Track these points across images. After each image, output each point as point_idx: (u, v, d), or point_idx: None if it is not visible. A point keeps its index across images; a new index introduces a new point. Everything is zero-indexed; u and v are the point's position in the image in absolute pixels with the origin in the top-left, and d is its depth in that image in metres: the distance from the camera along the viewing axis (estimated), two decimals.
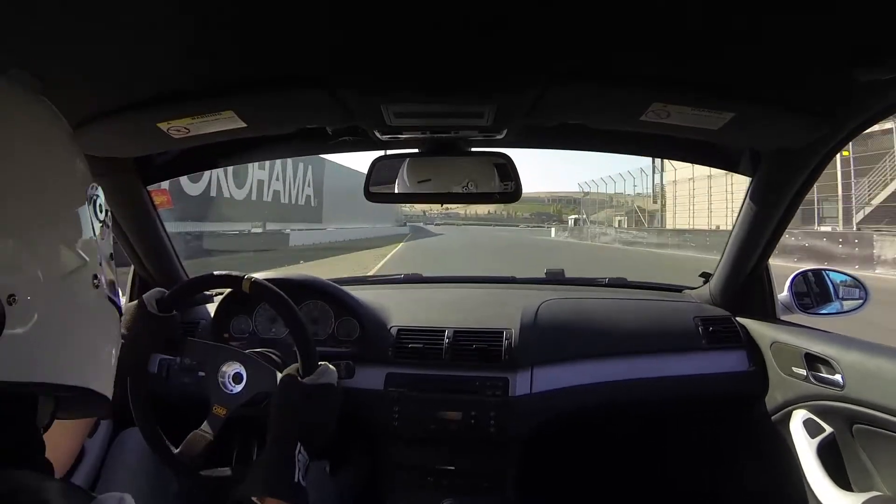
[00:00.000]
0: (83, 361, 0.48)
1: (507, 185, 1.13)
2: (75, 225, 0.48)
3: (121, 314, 0.57)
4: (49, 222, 0.45)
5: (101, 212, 0.52)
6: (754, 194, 1.23)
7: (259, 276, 1.18)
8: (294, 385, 0.86)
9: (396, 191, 1.18)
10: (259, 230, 17.29)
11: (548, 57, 0.76)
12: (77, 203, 0.49)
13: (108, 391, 0.53)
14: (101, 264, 0.51)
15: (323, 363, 0.92)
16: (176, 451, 0.94)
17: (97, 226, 0.51)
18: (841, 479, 1.10)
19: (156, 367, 0.98)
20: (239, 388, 0.98)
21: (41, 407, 0.48)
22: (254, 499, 0.71)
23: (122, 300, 1.52)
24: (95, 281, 0.49)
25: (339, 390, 0.89)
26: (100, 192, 0.52)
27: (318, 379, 0.87)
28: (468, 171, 1.15)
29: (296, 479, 0.74)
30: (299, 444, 0.77)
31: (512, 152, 1.16)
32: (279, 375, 0.94)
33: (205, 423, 0.96)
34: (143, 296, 0.97)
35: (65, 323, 0.45)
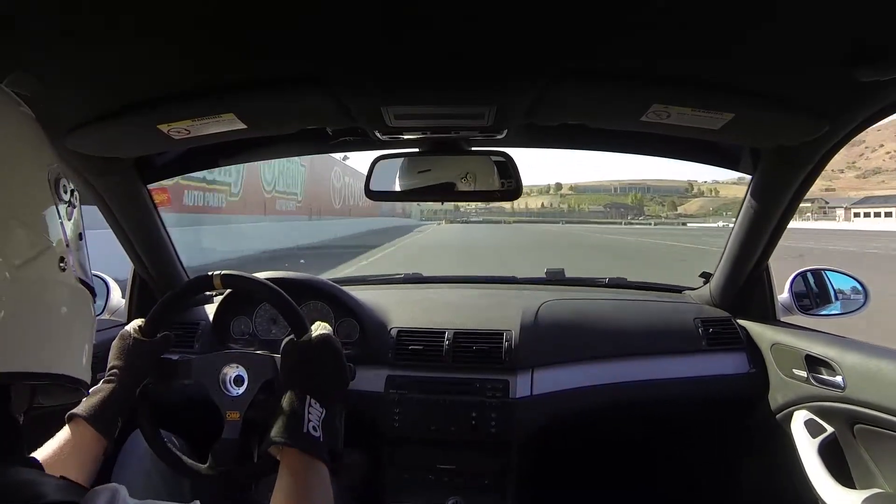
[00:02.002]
0: (54, 347, 0.48)
1: (508, 183, 1.13)
2: (35, 207, 0.47)
3: (94, 296, 0.56)
4: (5, 206, 0.44)
5: (65, 192, 0.51)
6: (755, 193, 1.23)
7: (260, 275, 1.18)
8: (293, 348, 0.87)
9: (398, 189, 1.18)
10: None
11: (547, 58, 0.76)
12: (35, 184, 0.47)
13: (85, 375, 0.52)
14: (67, 246, 0.50)
15: (315, 323, 0.93)
16: (205, 466, 0.93)
17: (62, 207, 0.50)
18: (843, 477, 1.10)
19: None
20: (241, 389, 0.98)
21: (15, 396, 0.48)
22: (277, 457, 0.74)
23: (123, 302, 1.52)
24: (62, 264, 0.48)
25: (335, 340, 0.89)
26: (62, 172, 0.51)
27: (313, 334, 0.88)
28: (467, 167, 1.16)
29: (305, 430, 0.75)
30: (308, 397, 0.79)
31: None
32: (277, 358, 0.95)
33: (224, 430, 0.96)
34: (124, 328, 0.97)
35: (32, 309, 0.45)
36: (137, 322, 0.98)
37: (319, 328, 0.89)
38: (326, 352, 0.86)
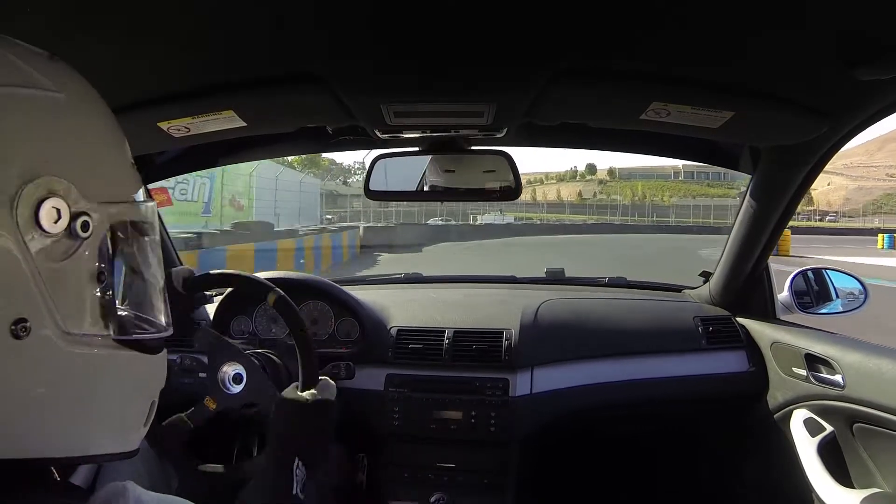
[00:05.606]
0: (51, 427, 0.38)
1: (507, 182, 1.14)
2: None
3: (143, 348, 0.44)
4: None
5: (51, 221, 0.36)
6: (754, 192, 1.23)
7: (261, 275, 1.18)
8: (293, 402, 0.88)
9: (416, 188, 1.19)
10: None
11: (547, 57, 0.76)
12: None
13: (111, 446, 0.43)
14: (43, 299, 0.36)
15: (323, 378, 0.94)
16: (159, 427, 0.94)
17: (37, 241, 0.36)
18: (842, 477, 1.10)
19: None
20: (238, 388, 0.98)
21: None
22: None
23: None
24: (17, 327, 0.35)
25: (335, 405, 0.91)
26: (58, 184, 0.37)
27: (316, 395, 0.89)
28: (481, 168, 1.17)
29: (294, 491, 0.77)
30: (297, 460, 0.81)
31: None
32: (279, 364, 0.95)
33: (191, 409, 0.96)
34: (172, 269, 0.96)
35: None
36: (184, 272, 0.98)
37: (326, 388, 0.92)
38: (324, 416, 0.89)
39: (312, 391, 0.89)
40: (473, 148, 1.16)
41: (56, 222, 0.37)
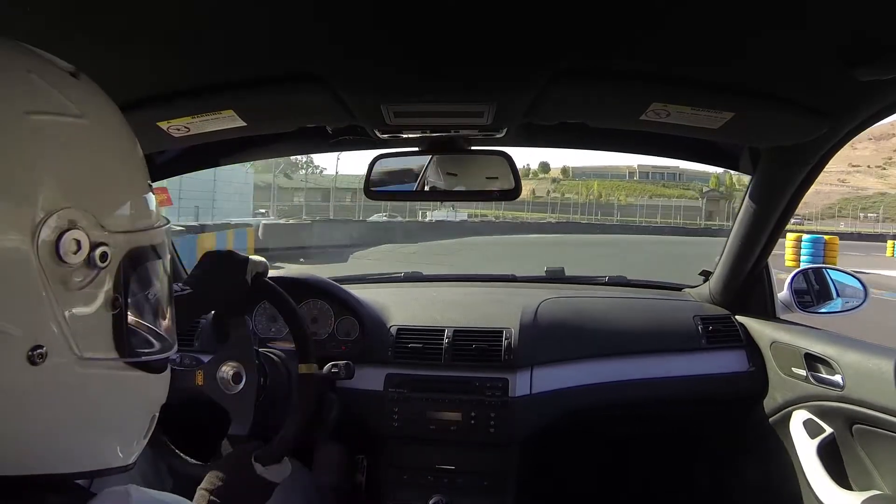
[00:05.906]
0: (39, 445, 0.38)
1: (508, 184, 1.15)
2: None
3: (151, 367, 0.45)
4: None
5: (71, 252, 0.37)
6: (754, 192, 1.23)
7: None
8: (246, 468, 0.87)
9: (415, 188, 1.19)
10: None
11: (547, 57, 0.76)
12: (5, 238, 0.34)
13: (112, 461, 0.44)
14: (63, 327, 0.37)
15: (284, 460, 0.93)
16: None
17: (56, 272, 0.36)
18: (841, 478, 1.10)
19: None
20: (239, 387, 0.98)
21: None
22: None
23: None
24: (33, 353, 0.35)
25: (274, 486, 0.90)
26: (78, 215, 0.38)
27: (268, 472, 0.88)
28: (484, 173, 1.17)
29: None
30: None
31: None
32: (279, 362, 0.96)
33: (179, 369, 0.96)
34: (251, 257, 0.95)
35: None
36: (261, 266, 0.97)
37: (280, 470, 0.91)
38: (264, 494, 0.88)
39: (266, 467, 0.88)
40: (473, 148, 1.16)
41: (76, 253, 0.37)
